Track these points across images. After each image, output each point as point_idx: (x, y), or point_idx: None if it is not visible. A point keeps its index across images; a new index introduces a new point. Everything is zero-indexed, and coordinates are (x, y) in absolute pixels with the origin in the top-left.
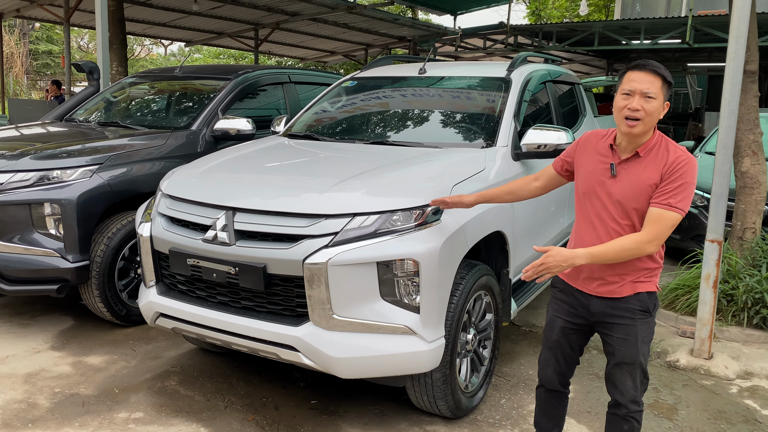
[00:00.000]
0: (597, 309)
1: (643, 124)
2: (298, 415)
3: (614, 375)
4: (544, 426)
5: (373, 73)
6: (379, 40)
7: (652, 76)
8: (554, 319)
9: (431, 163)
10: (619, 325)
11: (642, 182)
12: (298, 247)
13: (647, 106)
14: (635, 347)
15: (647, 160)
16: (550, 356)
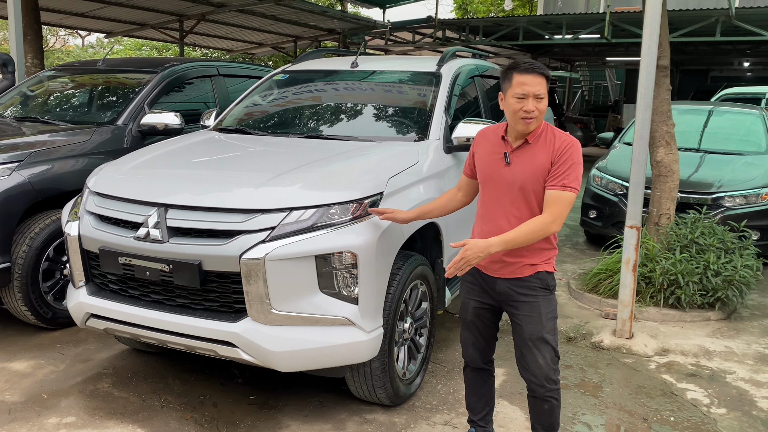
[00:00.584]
0: (502, 289)
1: (536, 120)
2: (237, 411)
3: (525, 356)
4: (475, 407)
5: (304, 67)
6: (309, 32)
7: (539, 78)
8: (467, 301)
9: (366, 157)
10: (523, 302)
11: (535, 166)
12: (235, 242)
13: (539, 105)
14: (540, 323)
15: (536, 146)
16: (468, 335)
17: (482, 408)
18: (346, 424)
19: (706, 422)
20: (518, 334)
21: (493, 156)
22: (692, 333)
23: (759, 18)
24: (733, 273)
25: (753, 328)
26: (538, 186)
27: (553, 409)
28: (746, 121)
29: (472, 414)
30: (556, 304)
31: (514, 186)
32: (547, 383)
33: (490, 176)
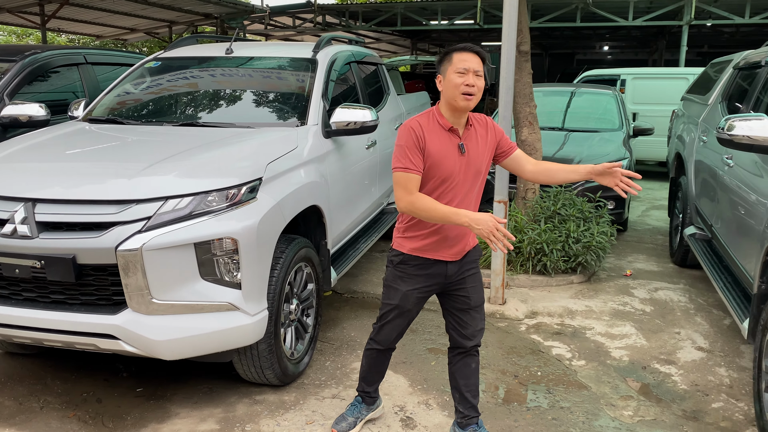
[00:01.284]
0: (453, 270)
1: (475, 98)
2: (123, 404)
3: (465, 321)
4: (371, 380)
5: (178, 53)
6: (184, 17)
7: (478, 58)
8: (410, 293)
9: (244, 143)
10: (471, 276)
11: (487, 147)
12: (110, 234)
13: (479, 82)
14: (482, 289)
15: (476, 128)
16: (401, 323)
17: (378, 380)
18: (236, 407)
19: (568, 374)
20: (464, 305)
21: (450, 149)
22: (558, 296)
23: (613, 5)
24: (591, 239)
25: (609, 288)
26: (488, 167)
27: (478, 367)
28: (602, 101)
29: (366, 386)
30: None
31: (474, 173)
32: (479, 342)
33: (453, 170)
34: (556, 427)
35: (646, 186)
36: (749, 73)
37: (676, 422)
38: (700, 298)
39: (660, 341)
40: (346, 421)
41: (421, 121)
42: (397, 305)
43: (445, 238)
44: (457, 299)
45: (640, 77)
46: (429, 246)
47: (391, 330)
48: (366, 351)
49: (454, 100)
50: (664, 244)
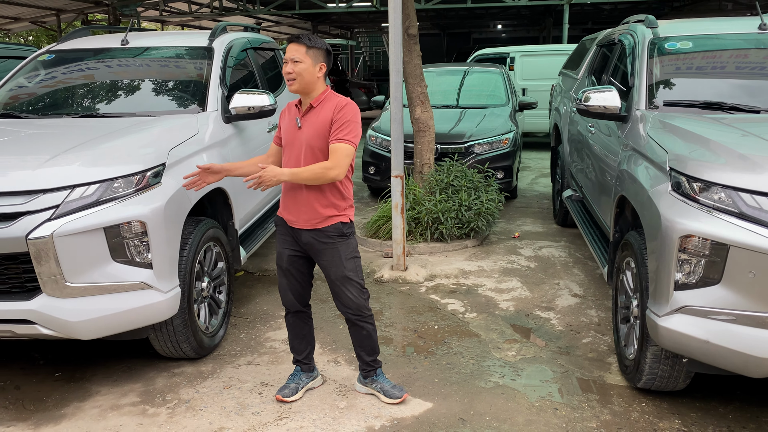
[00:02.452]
0: (306, 239)
1: (297, 81)
2: (43, 389)
3: (335, 292)
4: (299, 347)
5: (71, 46)
6: (72, 4)
7: (297, 45)
8: (282, 251)
9: (146, 131)
10: (325, 250)
11: (319, 126)
12: (18, 224)
13: (296, 68)
14: (342, 264)
15: (321, 110)
16: (285, 282)
17: (305, 348)
18: (156, 380)
19: (461, 325)
20: (327, 277)
21: (290, 123)
22: (454, 260)
23: None
24: (481, 206)
25: (499, 249)
26: (323, 143)
27: (370, 333)
28: (492, 79)
29: (296, 354)
30: (355, 246)
31: (304, 144)
32: (361, 312)
33: (289, 140)
34: (449, 370)
35: (536, 156)
36: (608, 49)
37: (551, 357)
38: (577, 253)
39: (542, 292)
40: (288, 388)
41: (291, 103)
42: (277, 263)
43: (287, 204)
44: (322, 269)
45: (527, 54)
46: (283, 209)
47: (284, 291)
48: (285, 318)
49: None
50: (550, 207)
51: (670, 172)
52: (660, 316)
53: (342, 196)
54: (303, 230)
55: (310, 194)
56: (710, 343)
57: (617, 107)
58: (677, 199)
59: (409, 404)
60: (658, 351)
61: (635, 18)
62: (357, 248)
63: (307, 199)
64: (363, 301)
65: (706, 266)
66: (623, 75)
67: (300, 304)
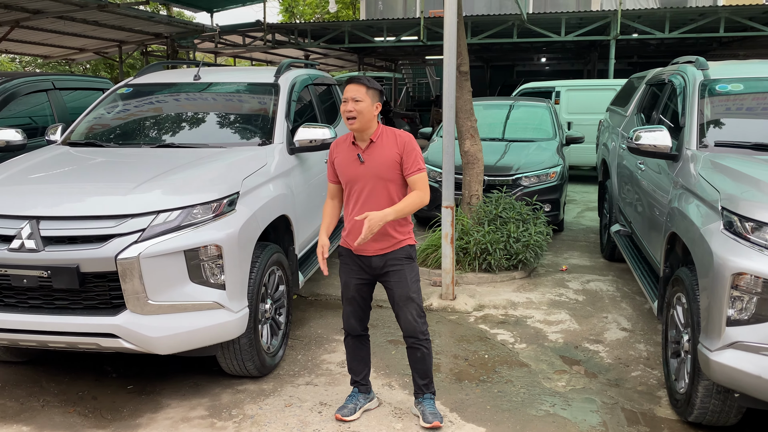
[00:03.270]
0: (376, 264)
1: (358, 119)
2: (118, 400)
3: (397, 313)
4: (357, 368)
5: (148, 80)
6: (134, 36)
7: (357, 86)
8: (348, 281)
9: (220, 161)
10: (394, 271)
11: (386, 159)
12: (110, 245)
13: (357, 106)
14: (407, 286)
15: (381, 144)
16: (350, 309)
17: (362, 369)
18: (221, 396)
19: (511, 355)
20: (391, 298)
21: (350, 159)
22: (502, 290)
23: (547, 22)
24: (529, 238)
25: (547, 282)
26: (393, 174)
27: (424, 357)
28: (538, 113)
29: (354, 375)
30: (418, 269)
31: (371, 177)
32: (417, 335)
33: (351, 176)
34: (500, 398)
35: (581, 190)
36: (658, 88)
37: (601, 389)
38: (625, 287)
39: (590, 325)
40: (347, 408)
41: (339, 140)
42: (342, 293)
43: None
44: (387, 291)
45: (573, 89)
46: (348, 237)
47: (348, 316)
48: (344, 341)
49: (345, 124)
50: (596, 241)
51: (722, 212)
52: (712, 351)
53: (408, 220)
54: (373, 256)
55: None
56: (762, 378)
57: (668, 146)
58: (729, 237)
59: (462, 429)
60: (710, 385)
61: (684, 59)
62: (419, 272)
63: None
64: (420, 324)
65: (759, 303)
66: (673, 114)
67: (360, 328)
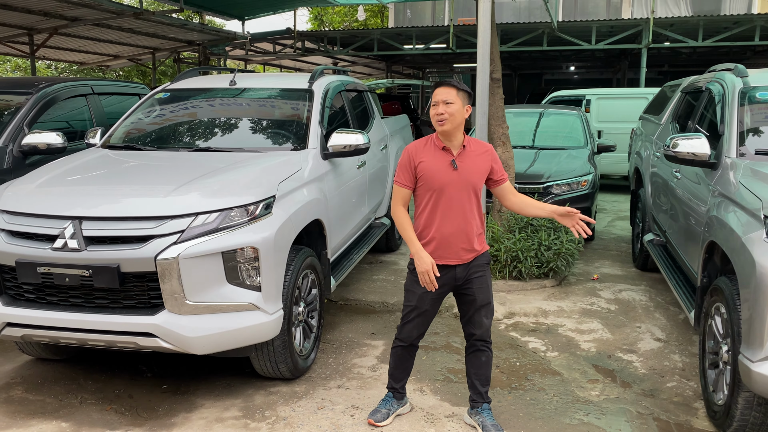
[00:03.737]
0: (461, 273)
1: (449, 121)
2: (153, 399)
3: (471, 318)
4: (399, 376)
5: (184, 85)
6: (167, 44)
7: (448, 88)
8: (424, 295)
9: (256, 166)
10: (477, 278)
11: (479, 166)
12: (149, 246)
13: (449, 109)
14: (489, 290)
15: (472, 150)
16: (421, 321)
17: (404, 377)
18: (254, 397)
19: (543, 363)
20: (471, 303)
21: (441, 165)
22: (532, 298)
23: (577, 30)
24: (561, 247)
25: (578, 290)
26: (481, 182)
27: (489, 361)
28: (569, 121)
29: (394, 382)
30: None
31: (466, 185)
32: (487, 338)
33: (443, 182)
34: (533, 406)
35: (611, 199)
36: (694, 96)
37: (636, 399)
38: (658, 297)
39: (623, 334)
40: (380, 413)
41: (418, 144)
42: (415, 306)
43: (446, 245)
44: (466, 297)
45: (603, 97)
46: (433, 253)
47: (412, 328)
48: (392, 349)
49: (435, 126)
50: (628, 251)
51: (764, 220)
52: (754, 362)
53: (484, 223)
54: (458, 266)
55: (469, 227)
56: None
57: (707, 154)
58: None
59: None
60: (751, 397)
61: (722, 67)
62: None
63: (466, 234)
64: (490, 327)
65: None
66: (710, 122)
67: (417, 339)
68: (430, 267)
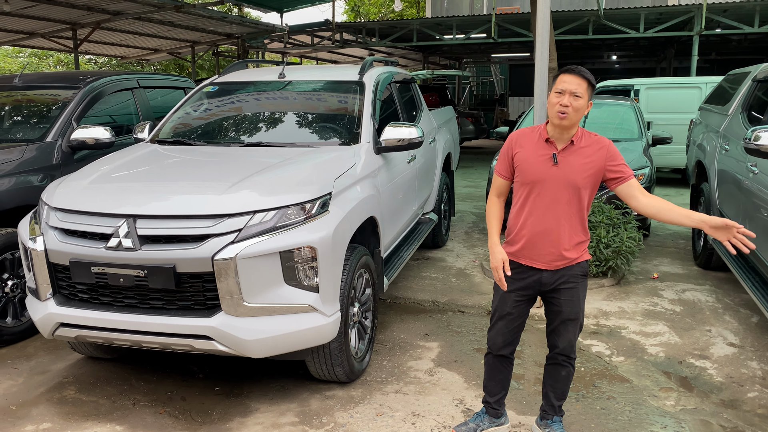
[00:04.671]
0: (548, 280)
1: (569, 117)
2: (206, 402)
3: (557, 330)
4: (492, 389)
5: (233, 78)
6: (206, 37)
7: (579, 79)
8: (507, 295)
9: (309, 162)
10: (567, 289)
11: (587, 164)
12: (207, 245)
13: (574, 102)
14: (579, 305)
15: (582, 148)
16: (503, 326)
17: (498, 391)
18: (310, 402)
19: (609, 369)
20: (556, 314)
21: (540, 158)
22: (591, 298)
23: (624, 18)
24: (621, 244)
25: (639, 290)
26: (587, 182)
27: (569, 375)
28: (621, 111)
29: (488, 395)
30: (587, 286)
31: (563, 183)
32: (571, 354)
33: (538, 176)
34: (605, 416)
35: (663, 192)
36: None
37: (715, 410)
38: (726, 298)
39: (692, 338)
40: (467, 426)
41: (523, 131)
42: (497, 308)
43: (533, 245)
44: (552, 306)
45: (653, 87)
46: (520, 252)
47: (496, 334)
48: (484, 357)
49: (552, 117)
50: (686, 248)
51: None
52: None
53: (586, 232)
54: (545, 271)
55: (562, 230)
56: None
57: None
58: None
59: None
60: None
61: None
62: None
63: (558, 238)
64: (575, 342)
65: None
66: None
67: (505, 348)
68: (500, 264)
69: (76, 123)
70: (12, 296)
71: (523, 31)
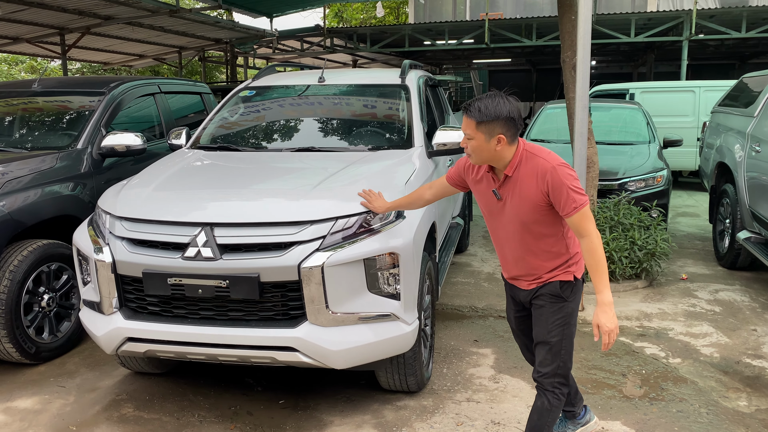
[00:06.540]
0: (525, 298)
1: (474, 158)
2: (276, 416)
3: (535, 350)
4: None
5: (269, 82)
6: (194, 42)
7: (466, 120)
8: (508, 313)
9: (375, 166)
10: (536, 307)
11: (526, 198)
12: (292, 253)
13: (470, 143)
14: (546, 327)
15: (519, 179)
16: (519, 342)
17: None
18: (383, 413)
19: (669, 370)
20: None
21: (487, 191)
22: (628, 300)
23: (614, 23)
24: (654, 246)
25: (672, 291)
26: (536, 216)
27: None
28: (631, 115)
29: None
30: (570, 311)
31: (513, 222)
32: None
33: (490, 210)
34: (684, 419)
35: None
36: None
37: None
38: (760, 298)
39: (741, 338)
40: None
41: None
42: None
43: (506, 264)
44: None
45: (647, 91)
46: (503, 267)
47: (521, 348)
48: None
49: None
50: (704, 248)
51: None
52: None
53: (562, 251)
54: (521, 290)
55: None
56: None
57: None
58: None
59: None
60: None
61: None
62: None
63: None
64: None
65: None
66: None
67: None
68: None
69: (104, 129)
70: (48, 311)
71: (516, 37)
